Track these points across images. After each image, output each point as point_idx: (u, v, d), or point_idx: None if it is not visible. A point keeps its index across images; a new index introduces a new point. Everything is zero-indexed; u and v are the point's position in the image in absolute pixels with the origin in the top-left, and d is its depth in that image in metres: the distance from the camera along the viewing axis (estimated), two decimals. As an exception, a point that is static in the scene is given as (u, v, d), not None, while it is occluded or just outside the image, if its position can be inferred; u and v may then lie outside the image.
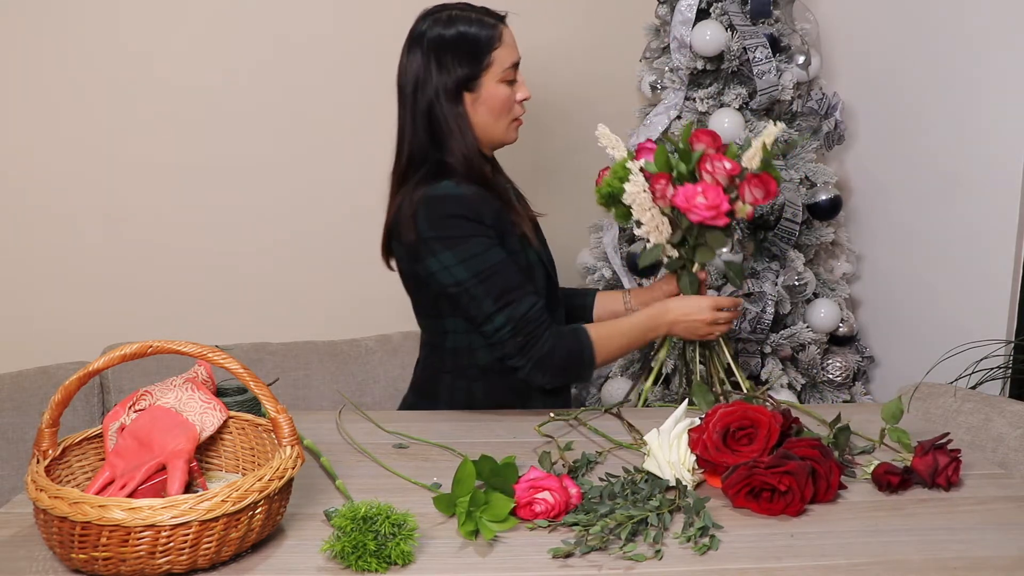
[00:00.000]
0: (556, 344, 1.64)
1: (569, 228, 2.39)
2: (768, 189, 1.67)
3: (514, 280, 1.63)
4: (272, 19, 2.43)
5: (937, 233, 2.29)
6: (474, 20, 1.67)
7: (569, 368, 1.68)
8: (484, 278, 1.60)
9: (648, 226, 1.68)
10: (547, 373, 1.65)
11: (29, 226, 2.37)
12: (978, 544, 1.16)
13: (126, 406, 1.28)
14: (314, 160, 2.50)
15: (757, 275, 2.30)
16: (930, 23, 2.28)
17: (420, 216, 1.61)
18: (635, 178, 1.65)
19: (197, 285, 2.48)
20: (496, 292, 1.60)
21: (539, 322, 1.63)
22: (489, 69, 1.67)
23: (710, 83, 2.32)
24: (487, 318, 1.62)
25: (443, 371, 1.74)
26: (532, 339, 1.62)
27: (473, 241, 1.60)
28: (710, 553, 1.13)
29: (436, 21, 1.68)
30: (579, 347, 1.67)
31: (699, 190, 1.63)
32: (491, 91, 1.67)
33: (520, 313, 1.61)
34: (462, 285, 1.61)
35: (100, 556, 1.03)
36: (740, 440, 1.30)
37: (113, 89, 2.36)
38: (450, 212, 1.61)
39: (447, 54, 1.66)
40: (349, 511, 1.09)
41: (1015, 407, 1.81)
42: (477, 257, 1.60)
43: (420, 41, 1.68)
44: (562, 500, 1.20)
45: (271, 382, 1.45)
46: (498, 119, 1.70)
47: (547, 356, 1.64)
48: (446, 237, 1.60)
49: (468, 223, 1.61)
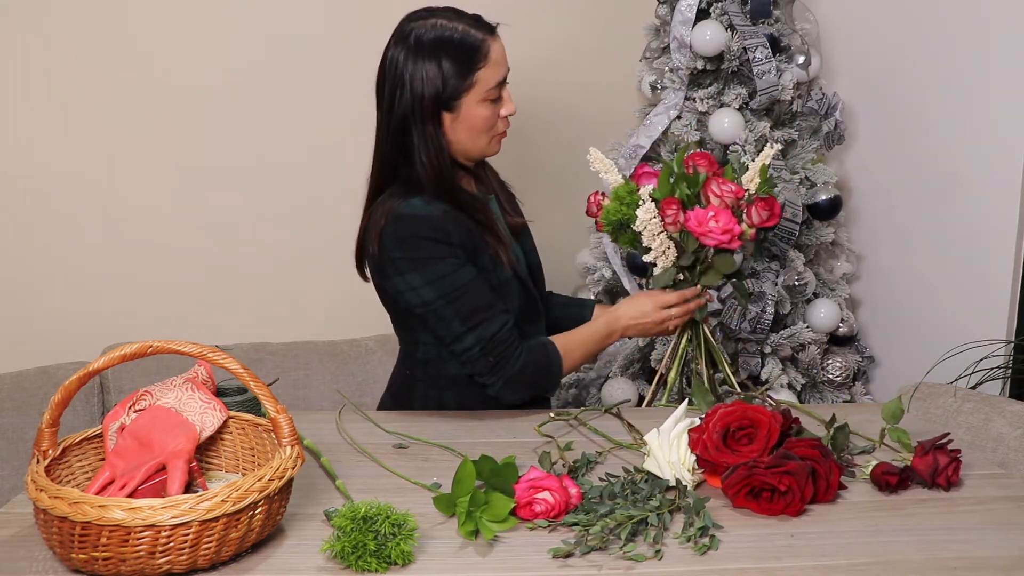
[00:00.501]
0: (527, 361, 1.63)
1: (569, 228, 2.39)
2: (773, 211, 1.69)
3: (483, 300, 1.60)
4: (272, 19, 2.43)
5: (937, 233, 2.29)
6: (460, 33, 1.58)
7: (538, 383, 1.67)
8: (453, 299, 1.58)
9: (656, 251, 1.69)
10: (517, 391, 1.64)
11: (29, 226, 2.37)
12: (978, 544, 1.16)
13: (126, 406, 1.28)
14: (314, 160, 2.50)
15: (757, 275, 2.30)
16: (930, 23, 2.28)
17: (387, 234, 1.58)
18: (647, 205, 1.64)
19: (197, 285, 2.47)
20: (465, 312, 1.58)
21: (509, 342, 1.61)
22: (471, 90, 1.58)
23: (710, 83, 2.32)
24: (456, 338, 1.60)
25: (416, 379, 1.73)
26: (503, 359, 1.60)
27: (440, 263, 1.57)
28: (710, 553, 1.13)
29: (422, 26, 1.59)
30: (547, 362, 1.66)
31: (710, 214, 1.63)
32: (471, 111, 1.60)
33: (490, 333, 1.59)
34: (429, 306, 1.59)
35: (100, 556, 1.03)
36: (740, 440, 1.30)
37: (113, 89, 2.36)
38: (418, 233, 1.57)
39: (428, 65, 1.57)
40: (349, 511, 1.09)
41: (1015, 407, 1.81)
42: (445, 279, 1.57)
43: (403, 43, 1.59)
44: (562, 500, 1.20)
45: (271, 382, 1.45)
46: (477, 137, 1.64)
47: (518, 374, 1.62)
48: (413, 258, 1.57)
49: (436, 244, 1.57)
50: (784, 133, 2.29)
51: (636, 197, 1.69)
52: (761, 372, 2.30)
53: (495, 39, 1.62)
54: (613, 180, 1.77)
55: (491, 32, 1.62)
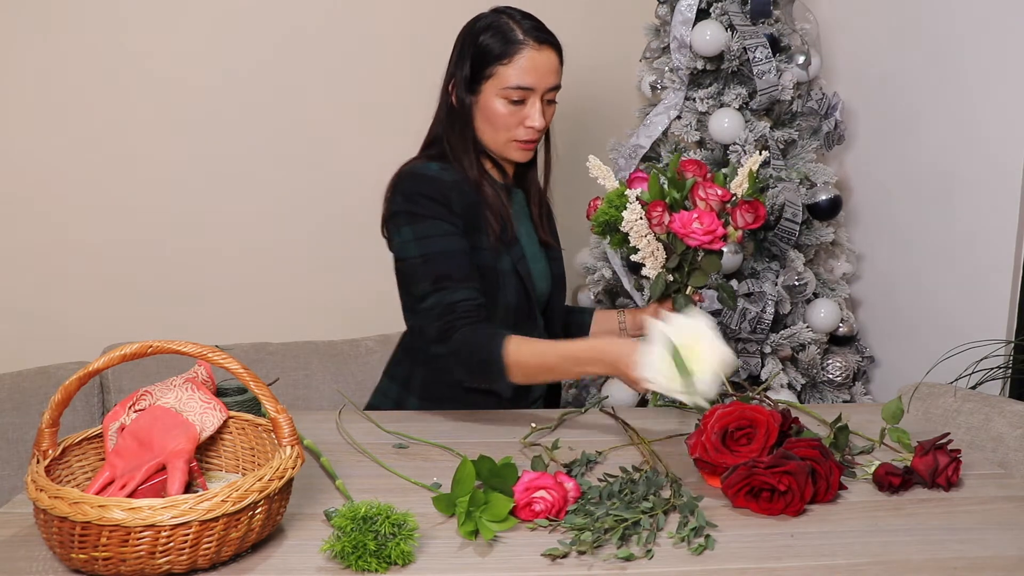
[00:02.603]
0: (469, 340, 1.57)
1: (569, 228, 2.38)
2: (758, 214, 1.76)
3: (460, 271, 1.61)
4: (272, 20, 2.43)
5: (937, 233, 2.29)
6: (504, 27, 1.67)
7: (477, 373, 1.58)
8: (431, 259, 1.61)
9: (644, 252, 1.73)
10: (459, 368, 1.59)
11: (29, 226, 2.37)
12: (978, 544, 1.16)
13: (126, 406, 1.28)
14: (314, 160, 2.50)
15: (757, 275, 2.30)
16: (930, 23, 2.28)
17: (397, 188, 1.66)
18: (632, 206, 1.70)
19: (197, 285, 2.48)
20: (436, 275, 1.60)
21: (464, 315, 1.58)
22: (489, 80, 1.66)
23: (710, 83, 2.32)
24: (421, 297, 1.61)
25: (400, 345, 1.80)
26: (451, 329, 1.57)
27: (433, 222, 1.62)
28: (711, 553, 1.13)
29: (483, 17, 1.70)
30: (488, 356, 1.55)
31: (694, 216, 1.68)
32: (488, 101, 1.67)
33: (450, 300, 1.58)
34: (408, 261, 1.63)
35: (100, 556, 1.03)
36: (739, 440, 1.30)
37: (113, 89, 2.36)
38: (421, 191, 1.63)
39: (467, 45, 1.68)
40: (349, 511, 1.09)
41: (1015, 407, 1.81)
42: (432, 239, 1.61)
43: (467, 26, 1.71)
44: (560, 496, 1.20)
45: (271, 382, 1.45)
46: (494, 132, 1.69)
47: (458, 351, 1.57)
48: (411, 212, 1.63)
49: (434, 204, 1.62)
50: (784, 133, 2.29)
51: (624, 200, 1.73)
52: (761, 372, 2.30)
53: (539, 49, 1.67)
54: (610, 186, 1.80)
55: (537, 41, 1.67)
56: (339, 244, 2.53)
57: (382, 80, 2.50)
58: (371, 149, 2.41)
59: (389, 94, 2.52)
